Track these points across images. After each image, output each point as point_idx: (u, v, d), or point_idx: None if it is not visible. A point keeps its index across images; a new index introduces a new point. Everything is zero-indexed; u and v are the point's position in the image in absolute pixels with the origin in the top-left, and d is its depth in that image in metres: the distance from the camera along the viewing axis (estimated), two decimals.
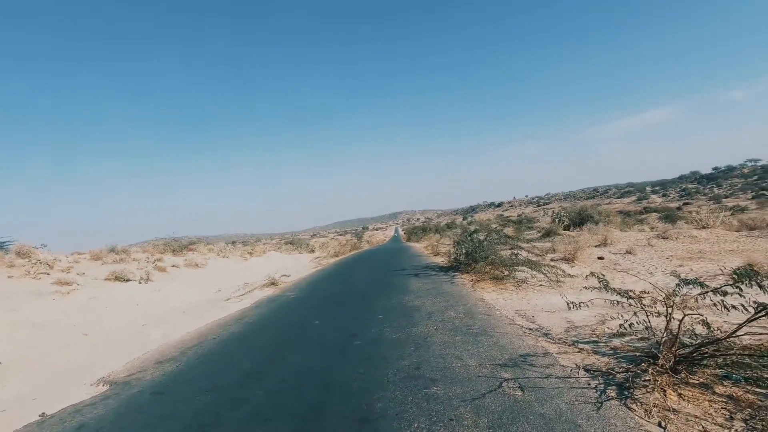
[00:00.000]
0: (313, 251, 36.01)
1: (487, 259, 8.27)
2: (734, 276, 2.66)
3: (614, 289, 3.73)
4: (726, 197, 47.52)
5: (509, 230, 19.21)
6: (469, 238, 9.44)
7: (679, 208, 39.64)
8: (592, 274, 4.78)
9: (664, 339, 2.92)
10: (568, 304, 4.21)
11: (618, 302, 3.67)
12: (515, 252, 8.32)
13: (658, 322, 3.34)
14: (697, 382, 2.58)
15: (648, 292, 5.66)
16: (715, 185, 58.70)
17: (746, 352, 2.63)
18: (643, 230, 17.87)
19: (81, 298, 10.49)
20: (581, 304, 3.99)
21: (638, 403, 2.45)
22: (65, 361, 6.12)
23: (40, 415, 3.65)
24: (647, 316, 3.18)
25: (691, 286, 3.42)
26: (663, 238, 13.60)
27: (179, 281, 14.86)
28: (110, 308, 10.52)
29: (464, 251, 9.48)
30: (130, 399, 3.61)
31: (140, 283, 13.27)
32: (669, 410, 2.32)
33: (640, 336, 3.79)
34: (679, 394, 2.47)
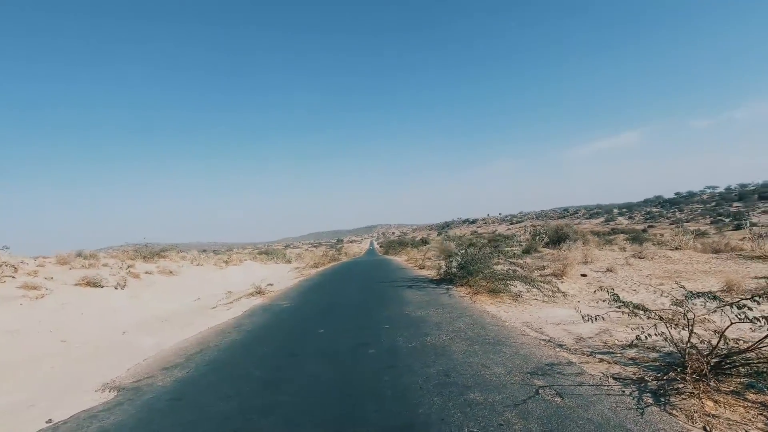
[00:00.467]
0: (290, 262, 35.48)
1: (483, 273, 8.40)
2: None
3: (631, 303, 3.89)
4: (687, 221, 50.14)
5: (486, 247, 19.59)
6: (463, 252, 9.57)
7: (644, 231, 41.50)
8: (601, 289, 4.96)
9: (687, 349, 3.07)
10: (583, 317, 4.35)
11: (634, 314, 3.83)
12: (511, 267, 8.49)
13: (673, 334, 3.50)
14: (727, 389, 2.72)
15: (647, 308, 5.89)
16: (677, 209, 61.88)
17: None
18: (613, 250, 18.55)
19: (53, 303, 9.98)
20: (597, 317, 4.13)
21: (678, 409, 2.56)
22: (52, 369, 5.82)
23: (47, 422, 3.44)
24: (668, 328, 3.33)
25: (701, 300, 3.63)
26: (639, 257, 14.15)
27: (155, 288, 14.35)
28: (86, 315, 10.06)
29: (458, 264, 9.60)
30: (148, 405, 3.46)
31: (116, 289, 12.74)
32: (709, 416, 2.44)
33: (650, 347, 3.96)
34: (715, 401, 2.60)
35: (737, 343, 3.18)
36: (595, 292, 7.24)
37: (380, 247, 75.67)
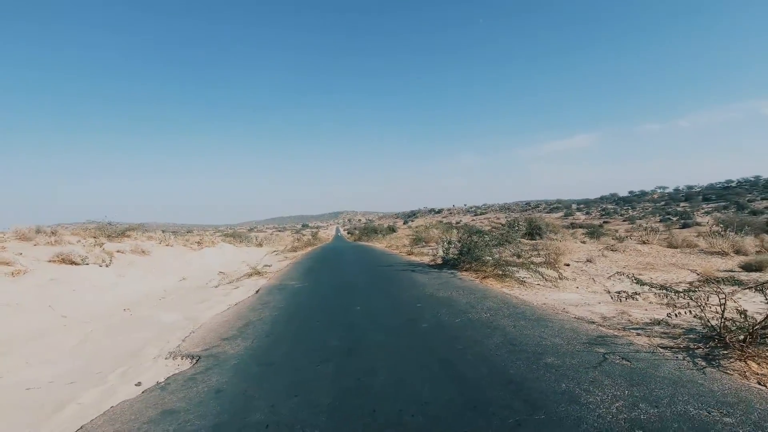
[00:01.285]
0: (261, 245, 35.01)
1: (492, 258, 8.93)
2: None
3: (659, 285, 4.47)
4: (639, 219, 53.83)
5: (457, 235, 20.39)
6: (468, 239, 10.07)
7: (601, 225, 44.12)
8: (619, 273, 5.53)
9: (723, 322, 3.65)
10: (612, 296, 4.90)
11: (665, 295, 4.42)
12: (517, 253, 9.07)
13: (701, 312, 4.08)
14: (765, 355, 3.30)
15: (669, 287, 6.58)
16: (630, 207, 66.20)
17: None
18: (575, 242, 19.75)
19: (39, 279, 9.63)
20: (625, 296, 4.67)
21: (730, 370, 3.10)
22: (80, 342, 5.79)
23: (136, 384, 3.56)
24: (701, 308, 3.90)
25: (719, 285, 4.25)
26: (612, 250, 15.25)
27: (136, 268, 13.99)
28: (78, 291, 9.79)
29: (459, 250, 10.09)
30: (241, 369, 3.66)
31: (101, 266, 12.35)
32: (759, 374, 3.00)
33: (673, 324, 4.56)
34: (758, 364, 3.16)
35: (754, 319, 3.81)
36: (609, 277, 7.92)
37: (348, 233, 75.69)
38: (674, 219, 48.21)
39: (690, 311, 4.00)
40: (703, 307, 3.87)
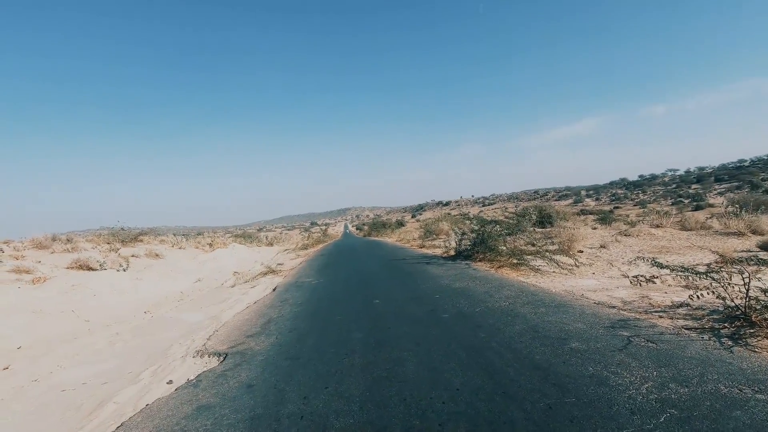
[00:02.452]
0: (271, 244, 35.34)
1: (507, 247, 8.93)
2: None
3: (681, 267, 4.45)
4: (650, 203, 53.18)
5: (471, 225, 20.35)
6: (481, 229, 10.06)
7: (611, 211, 43.70)
8: (639, 257, 5.51)
9: (748, 302, 3.64)
10: (630, 280, 4.90)
11: (687, 276, 4.40)
12: (531, 242, 9.05)
13: (724, 293, 4.07)
14: None
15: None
16: (640, 191, 65.35)
17: None
18: (587, 228, 19.61)
19: (60, 286, 9.88)
20: (647, 280, 4.68)
21: (758, 348, 3.10)
22: (109, 343, 5.95)
23: (168, 383, 3.65)
24: (724, 288, 3.89)
25: (742, 265, 4.22)
26: (625, 235, 15.14)
27: (153, 270, 14.26)
28: (99, 295, 10.00)
29: (476, 241, 10.10)
30: (269, 364, 3.73)
31: (118, 271, 12.61)
32: None
33: (696, 306, 4.55)
34: None
35: None
36: (630, 262, 7.89)
37: (356, 229, 75.88)
38: (686, 201, 47.59)
39: (712, 292, 3.99)
40: (726, 286, 3.86)
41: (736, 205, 17.37)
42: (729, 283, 3.91)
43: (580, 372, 2.90)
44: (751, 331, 3.39)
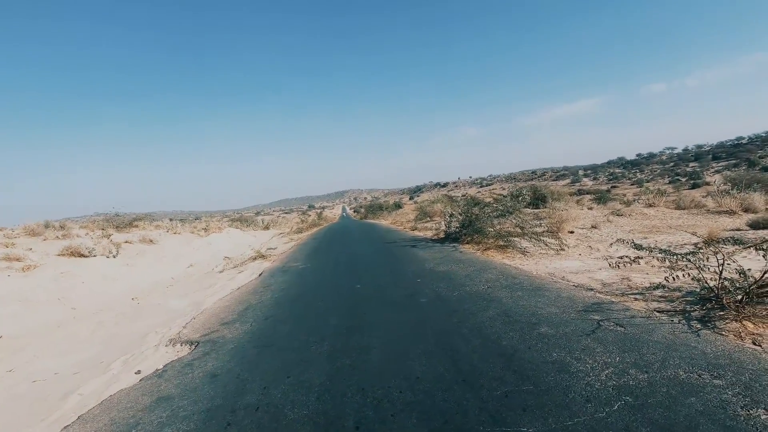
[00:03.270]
0: (267, 228, 35.29)
1: (493, 230, 8.88)
2: None
3: (659, 249, 4.40)
4: (648, 181, 53.03)
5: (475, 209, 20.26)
6: (467, 212, 10.00)
7: (608, 191, 43.60)
8: (620, 239, 5.46)
9: (721, 283, 3.59)
10: (610, 264, 4.86)
11: (663, 259, 4.35)
12: (519, 224, 8.99)
13: (699, 275, 4.02)
14: (763, 314, 3.25)
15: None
16: (638, 170, 65.16)
17: None
18: (582, 209, 19.57)
19: (49, 273, 9.83)
20: (625, 262, 4.62)
21: (725, 331, 3.06)
22: (91, 332, 5.93)
23: (136, 372, 3.63)
24: (699, 270, 3.84)
25: (720, 246, 4.17)
26: (618, 215, 15.10)
27: (145, 256, 14.22)
28: (88, 283, 9.97)
29: (460, 224, 10.04)
30: (237, 352, 3.70)
31: (108, 257, 12.55)
32: (754, 334, 2.96)
33: (673, 287, 4.52)
34: (754, 324, 3.12)
35: (754, 278, 3.74)
36: (611, 245, 7.84)
37: (354, 212, 75.82)
38: (683, 180, 47.45)
39: (688, 274, 3.94)
40: (701, 268, 3.81)
41: (729, 184, 17.29)
42: (705, 265, 3.86)
43: (543, 358, 2.87)
44: (721, 313, 3.36)
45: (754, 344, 2.81)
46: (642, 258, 4.94)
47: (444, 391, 2.55)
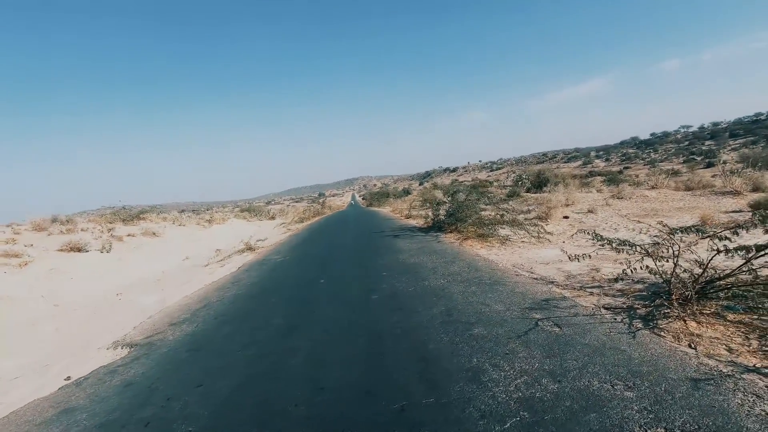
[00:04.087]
0: (273, 218, 35.40)
1: (470, 219, 8.63)
2: (758, 218, 3.07)
3: (618, 240, 4.13)
4: (661, 161, 51.45)
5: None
6: (450, 200, 9.74)
7: (620, 172, 42.48)
8: (582, 231, 5.18)
9: (672, 278, 3.33)
10: (570, 256, 4.61)
11: (621, 250, 4.08)
12: (498, 212, 8.72)
13: (661, 266, 3.76)
14: (709, 312, 3.00)
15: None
16: (652, 150, 63.20)
17: (746, 286, 3.07)
18: (591, 192, 19.05)
19: (40, 270, 9.89)
20: (584, 256, 4.37)
21: (665, 331, 2.83)
22: (55, 331, 5.90)
23: (66, 379, 3.56)
24: (654, 260, 3.58)
25: (684, 234, 3.88)
26: (618, 198, 14.64)
27: (141, 250, 14.30)
28: (76, 279, 10.02)
29: (445, 212, 9.80)
30: (166, 357, 3.60)
31: (101, 252, 12.63)
32: (693, 335, 2.71)
33: (636, 280, 4.26)
34: (698, 323, 2.87)
35: (716, 272, 3.46)
36: (573, 235, 7.54)
37: (363, 199, 75.68)
38: (698, 159, 45.95)
39: (646, 266, 3.68)
40: (657, 259, 3.55)
41: (742, 163, 16.57)
42: (662, 256, 3.60)
43: (461, 365, 2.69)
44: (667, 311, 3.11)
45: (690, 347, 2.58)
46: (594, 252, 4.69)
47: (343, 404, 2.39)
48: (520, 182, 19.89)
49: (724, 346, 2.53)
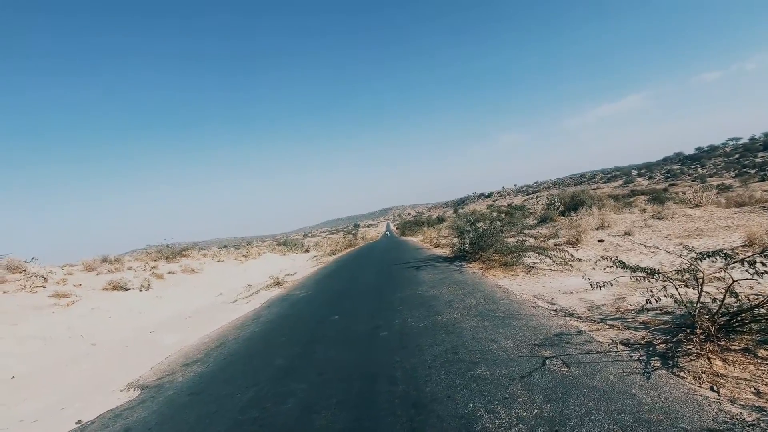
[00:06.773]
0: (308, 251, 35.92)
1: (494, 247, 8.35)
2: None
3: (639, 267, 3.82)
4: (710, 176, 48.50)
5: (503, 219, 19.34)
6: (472, 228, 9.52)
7: (665, 190, 40.38)
8: (604, 258, 4.87)
9: (698, 309, 3.01)
10: (591, 284, 4.30)
11: (643, 278, 3.77)
12: (521, 239, 8.41)
13: (685, 295, 3.43)
14: (738, 347, 2.67)
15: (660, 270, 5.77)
16: (699, 165, 59.85)
17: None
18: (633, 212, 18.09)
19: (82, 309, 10.38)
20: (606, 284, 4.07)
21: (685, 371, 2.53)
22: (82, 371, 6.08)
23: (77, 423, 3.62)
24: (676, 289, 3.27)
25: (712, 259, 3.53)
26: (658, 218, 13.84)
27: (179, 287, 14.77)
28: (114, 317, 10.43)
29: (469, 241, 9.56)
30: (169, 401, 3.60)
31: (140, 291, 13.16)
32: (717, 375, 2.41)
33: (664, 310, 3.90)
34: (724, 360, 2.56)
35: (749, 299, 3.10)
36: (597, 261, 7.10)
37: (397, 228, 75.65)
38: (752, 172, 42.97)
39: (670, 295, 3.37)
40: (679, 287, 3.24)
41: None
42: (683, 284, 3.29)
43: (456, 411, 2.50)
44: (689, 347, 2.79)
45: (712, 389, 2.28)
46: (615, 280, 4.37)
47: None
48: (552, 206, 19.24)
49: (751, 389, 2.22)
